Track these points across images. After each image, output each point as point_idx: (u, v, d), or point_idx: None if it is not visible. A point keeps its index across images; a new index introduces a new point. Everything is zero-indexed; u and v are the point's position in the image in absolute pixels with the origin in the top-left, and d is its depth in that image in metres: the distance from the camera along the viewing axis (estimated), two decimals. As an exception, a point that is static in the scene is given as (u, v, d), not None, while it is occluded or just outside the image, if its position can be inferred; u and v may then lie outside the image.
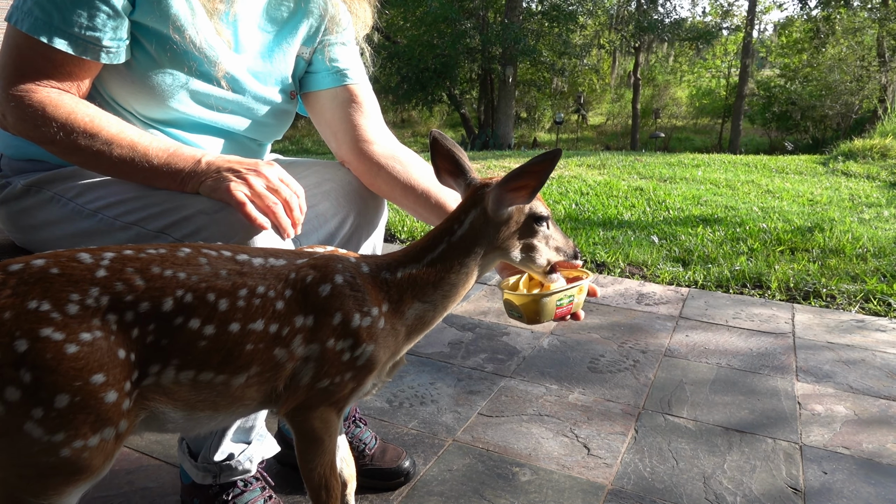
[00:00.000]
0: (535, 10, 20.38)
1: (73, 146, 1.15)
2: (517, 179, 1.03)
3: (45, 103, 1.15)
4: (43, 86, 1.17)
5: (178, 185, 1.18)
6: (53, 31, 1.14)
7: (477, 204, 1.08)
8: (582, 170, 7.66)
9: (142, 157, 1.17)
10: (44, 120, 1.14)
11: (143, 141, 1.18)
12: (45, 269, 0.85)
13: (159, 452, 1.76)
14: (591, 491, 1.66)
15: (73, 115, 1.15)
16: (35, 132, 1.16)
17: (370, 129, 1.50)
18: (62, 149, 1.17)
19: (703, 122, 29.16)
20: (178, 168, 1.18)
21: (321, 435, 1.03)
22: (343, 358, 0.99)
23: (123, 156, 1.16)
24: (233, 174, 1.15)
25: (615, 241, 4.24)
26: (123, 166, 1.17)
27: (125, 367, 0.86)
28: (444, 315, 1.12)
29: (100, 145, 1.16)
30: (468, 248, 1.08)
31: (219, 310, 0.91)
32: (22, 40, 1.16)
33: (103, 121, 1.18)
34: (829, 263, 3.77)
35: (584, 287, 1.25)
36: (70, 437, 0.82)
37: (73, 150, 1.16)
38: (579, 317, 1.27)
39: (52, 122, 1.14)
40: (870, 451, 1.89)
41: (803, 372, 2.42)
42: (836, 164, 8.27)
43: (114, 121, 1.19)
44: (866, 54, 19.97)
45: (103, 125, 1.17)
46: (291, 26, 1.45)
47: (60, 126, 1.14)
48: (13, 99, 1.15)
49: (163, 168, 1.17)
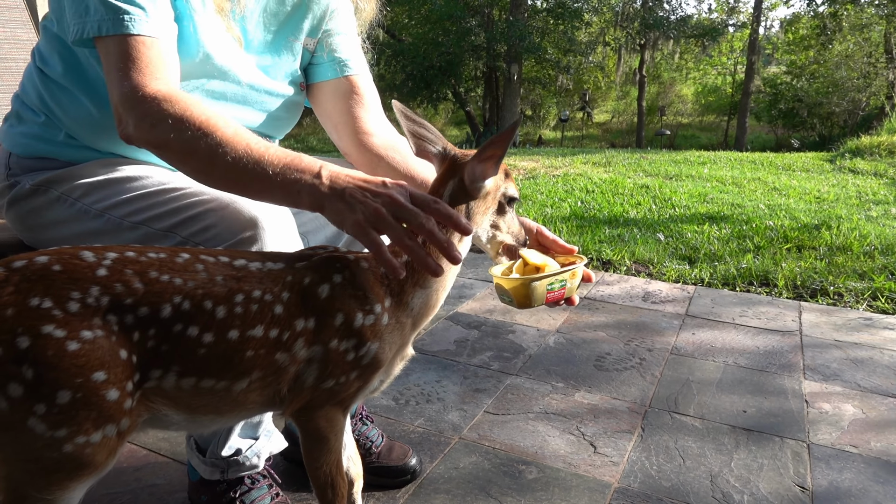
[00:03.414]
0: (541, 7, 20.35)
1: (187, 147, 1.04)
2: (487, 150, 1.06)
3: (157, 97, 1.06)
4: (150, 80, 1.08)
5: (294, 198, 1.04)
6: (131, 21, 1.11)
7: (454, 175, 1.10)
8: (587, 167, 7.64)
9: (257, 163, 1.03)
10: (159, 116, 1.05)
11: (259, 146, 1.05)
12: (48, 266, 0.85)
13: (167, 450, 1.76)
14: (597, 489, 1.66)
15: (188, 111, 1.05)
16: (151, 132, 1.06)
17: (370, 120, 1.51)
18: (176, 150, 1.07)
19: (708, 120, 29.08)
20: (294, 178, 1.03)
21: (326, 434, 1.03)
22: (347, 358, 0.99)
23: (238, 160, 1.03)
24: (359, 201, 0.99)
25: (621, 239, 4.23)
26: (237, 173, 1.04)
27: (127, 368, 0.86)
28: (444, 297, 1.12)
29: (214, 146, 1.04)
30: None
31: (216, 317, 0.91)
32: (113, 46, 1.11)
33: (219, 121, 1.07)
34: (837, 261, 3.75)
35: (578, 272, 1.24)
36: (72, 432, 0.82)
37: (187, 152, 1.05)
38: (573, 301, 1.26)
39: (166, 119, 1.04)
40: (878, 449, 1.88)
41: (811, 370, 2.41)
42: (843, 162, 8.23)
43: (230, 122, 1.08)
44: (873, 51, 19.86)
45: (219, 125, 1.06)
46: (296, 19, 1.46)
47: (175, 123, 1.04)
48: (127, 100, 1.07)
49: (278, 178, 1.03)
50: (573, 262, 1.25)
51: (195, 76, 1.30)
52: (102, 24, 1.11)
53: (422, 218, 0.98)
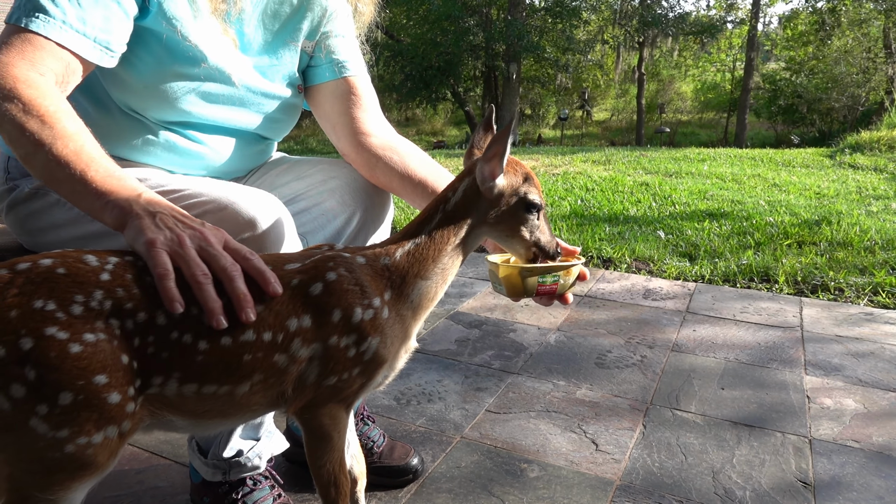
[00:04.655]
0: (539, 6, 20.34)
1: (21, 128, 1.00)
2: (490, 149, 1.07)
3: (19, 78, 1.04)
4: (26, 64, 1.06)
5: (100, 208, 0.99)
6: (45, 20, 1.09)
7: (470, 173, 1.12)
8: (587, 166, 7.64)
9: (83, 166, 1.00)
10: (9, 94, 1.02)
11: (93, 153, 1.02)
12: (52, 268, 0.86)
13: (169, 452, 1.77)
14: (599, 486, 1.66)
15: (38, 99, 1.02)
16: None
17: (368, 121, 1.51)
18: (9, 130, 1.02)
19: (708, 117, 29.08)
20: (106, 189, 0.99)
21: (330, 432, 1.03)
22: (349, 354, 0.99)
23: (60, 157, 1.00)
24: (167, 226, 0.96)
25: (621, 237, 4.23)
26: (54, 167, 1.00)
27: (128, 373, 0.86)
28: (445, 288, 1.12)
29: (46, 136, 1.00)
30: (461, 216, 1.10)
31: (204, 324, 0.90)
32: (14, 32, 1.09)
33: (65, 116, 1.04)
34: (837, 256, 3.75)
35: (574, 271, 1.23)
36: (74, 433, 0.83)
37: (18, 134, 1.01)
38: (567, 300, 1.25)
39: (15, 99, 1.01)
40: (880, 444, 1.88)
41: (812, 365, 2.41)
42: (843, 157, 8.22)
43: (79, 123, 1.05)
44: (872, 46, 19.86)
45: (62, 119, 1.03)
46: (295, 21, 1.46)
47: (22, 104, 1.01)
48: None
49: (93, 183, 0.99)
50: (572, 260, 1.26)
51: (189, 78, 1.30)
52: (21, 16, 1.09)
53: (226, 263, 0.94)
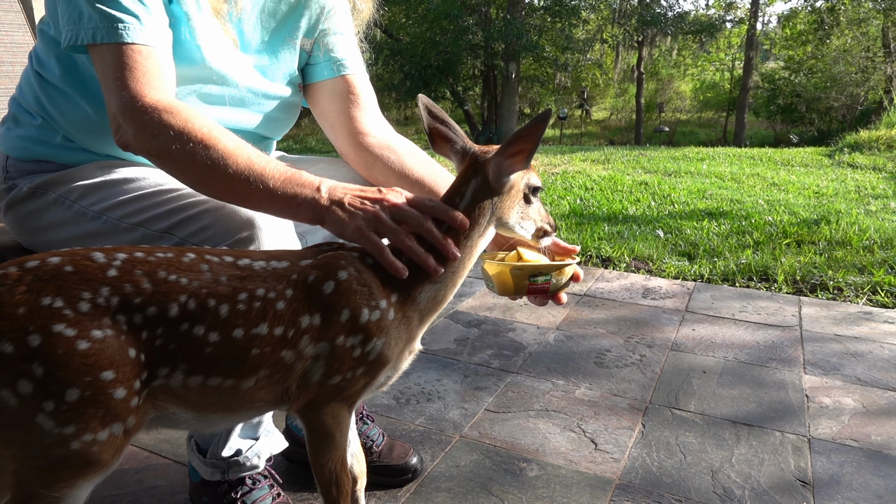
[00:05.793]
0: (538, 5, 20.31)
1: (189, 158, 1.05)
2: (514, 145, 1.06)
3: (158, 108, 1.07)
4: (149, 89, 1.09)
5: (293, 211, 1.08)
6: (125, 29, 1.11)
7: (477, 174, 1.10)
8: (586, 165, 7.64)
9: (258, 177, 1.06)
10: (160, 127, 1.05)
11: (261, 161, 1.08)
12: (60, 266, 0.87)
13: (168, 451, 1.77)
14: (598, 486, 1.66)
15: (189, 123, 1.07)
16: (152, 142, 1.07)
17: (366, 120, 1.51)
18: (177, 162, 1.08)
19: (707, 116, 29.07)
20: (294, 193, 1.07)
21: (332, 430, 1.03)
22: (354, 354, 0.99)
23: (239, 173, 1.05)
24: (359, 209, 1.05)
25: (620, 236, 4.23)
26: (237, 185, 1.07)
27: (135, 366, 0.87)
28: (454, 292, 1.12)
29: (216, 159, 1.05)
30: (473, 221, 1.09)
31: (220, 316, 0.92)
32: (108, 54, 1.11)
33: (221, 134, 1.09)
34: (836, 255, 3.75)
35: (568, 271, 1.22)
36: (80, 430, 0.83)
37: (187, 164, 1.07)
38: (560, 300, 1.25)
39: (168, 130, 1.05)
40: (878, 443, 1.88)
41: (811, 364, 2.42)
42: (842, 156, 8.22)
43: (231, 135, 1.10)
44: (871, 45, 19.85)
45: (221, 138, 1.08)
46: (293, 19, 1.46)
47: (177, 134, 1.05)
48: (126, 109, 1.08)
49: (279, 192, 1.06)
50: (567, 260, 1.24)
51: (191, 81, 1.30)
52: (97, 32, 1.11)
53: (419, 218, 1.04)
